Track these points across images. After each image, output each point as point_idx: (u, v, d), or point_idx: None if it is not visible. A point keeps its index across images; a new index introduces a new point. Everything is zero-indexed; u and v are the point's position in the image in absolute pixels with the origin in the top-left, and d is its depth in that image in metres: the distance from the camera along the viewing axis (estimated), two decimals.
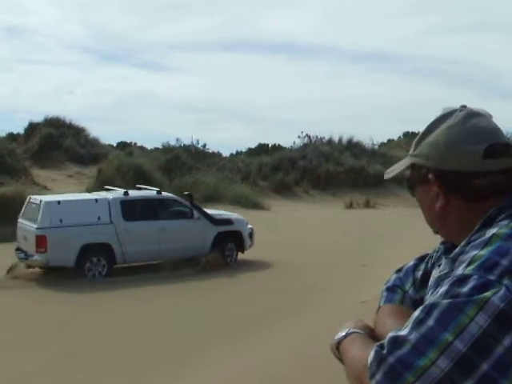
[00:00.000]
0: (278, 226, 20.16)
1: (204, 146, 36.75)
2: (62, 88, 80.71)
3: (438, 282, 1.29)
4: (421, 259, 1.57)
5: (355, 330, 1.42)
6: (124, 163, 28.76)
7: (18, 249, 12.76)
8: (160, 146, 38.64)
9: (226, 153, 41.90)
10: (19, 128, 41.80)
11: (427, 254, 1.56)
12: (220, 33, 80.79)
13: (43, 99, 72.85)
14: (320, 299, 9.85)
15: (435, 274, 1.41)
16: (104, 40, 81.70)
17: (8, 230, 16.00)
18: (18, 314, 9.71)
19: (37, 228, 12.12)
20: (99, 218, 12.63)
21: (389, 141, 45.41)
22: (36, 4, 79.10)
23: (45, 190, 28.79)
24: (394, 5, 78.47)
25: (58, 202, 12.67)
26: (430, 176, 1.37)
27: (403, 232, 17.46)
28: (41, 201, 12.68)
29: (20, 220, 13.13)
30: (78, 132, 38.81)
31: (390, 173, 1.51)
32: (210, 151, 37.65)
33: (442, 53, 78.97)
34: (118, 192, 13.65)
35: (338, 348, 1.42)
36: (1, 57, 79.12)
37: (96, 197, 13.35)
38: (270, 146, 43.62)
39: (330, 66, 77.09)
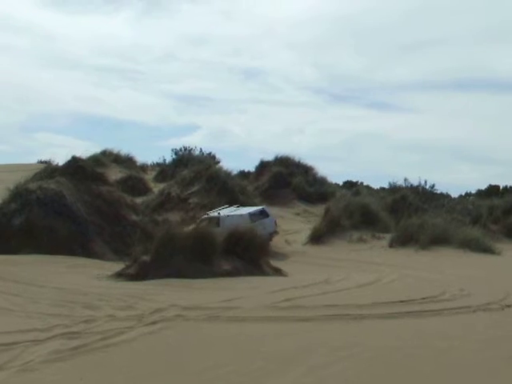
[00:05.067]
0: (508, 272, 19.16)
1: (432, 186, 36.01)
2: (293, 128, 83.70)
3: None
4: None
5: None
6: (351, 202, 28.84)
7: None
8: (386, 186, 38.50)
9: (454, 194, 40.83)
10: (250, 166, 43.77)
11: None
12: (452, 73, 79.37)
13: (274, 139, 75.94)
14: None
15: None
16: (335, 81, 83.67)
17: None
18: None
19: None
20: None
21: None
22: (273, 48, 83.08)
23: None
24: None
25: None
26: None
27: None
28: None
29: None
30: (306, 171, 39.74)
31: None
32: (438, 192, 36.81)
33: None
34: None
35: None
36: (238, 98, 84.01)
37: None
38: (501, 187, 41.97)
39: None
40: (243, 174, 42.32)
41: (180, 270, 15.38)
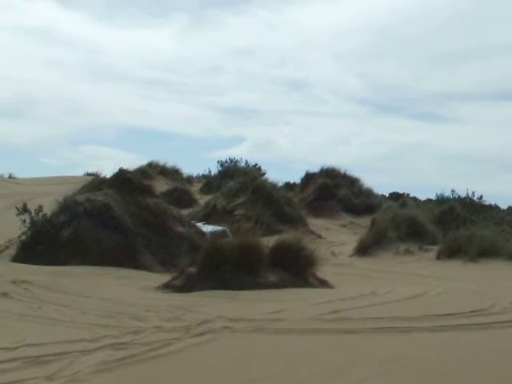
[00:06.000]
0: None
1: (480, 197, 35.57)
2: (338, 139, 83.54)
3: None
4: None
5: None
6: (398, 214, 28.59)
7: None
8: (433, 198, 38.15)
9: (503, 205, 40.26)
10: (296, 178, 43.86)
11: None
12: (499, 82, 78.30)
13: (319, 150, 75.88)
14: None
15: None
16: (380, 92, 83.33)
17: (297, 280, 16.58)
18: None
19: None
20: None
21: None
22: (317, 59, 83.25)
23: (319, 238, 29.60)
24: None
25: None
26: None
27: None
28: None
29: None
30: (352, 182, 39.65)
31: None
32: (487, 203, 36.34)
33: None
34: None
35: None
36: (283, 110, 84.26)
37: None
38: None
39: None
40: (288, 186, 42.31)
41: (226, 282, 15.40)
